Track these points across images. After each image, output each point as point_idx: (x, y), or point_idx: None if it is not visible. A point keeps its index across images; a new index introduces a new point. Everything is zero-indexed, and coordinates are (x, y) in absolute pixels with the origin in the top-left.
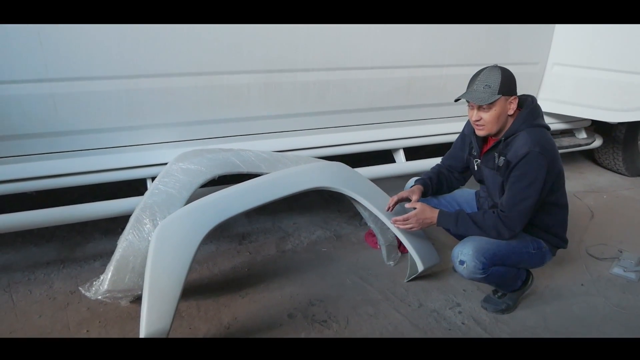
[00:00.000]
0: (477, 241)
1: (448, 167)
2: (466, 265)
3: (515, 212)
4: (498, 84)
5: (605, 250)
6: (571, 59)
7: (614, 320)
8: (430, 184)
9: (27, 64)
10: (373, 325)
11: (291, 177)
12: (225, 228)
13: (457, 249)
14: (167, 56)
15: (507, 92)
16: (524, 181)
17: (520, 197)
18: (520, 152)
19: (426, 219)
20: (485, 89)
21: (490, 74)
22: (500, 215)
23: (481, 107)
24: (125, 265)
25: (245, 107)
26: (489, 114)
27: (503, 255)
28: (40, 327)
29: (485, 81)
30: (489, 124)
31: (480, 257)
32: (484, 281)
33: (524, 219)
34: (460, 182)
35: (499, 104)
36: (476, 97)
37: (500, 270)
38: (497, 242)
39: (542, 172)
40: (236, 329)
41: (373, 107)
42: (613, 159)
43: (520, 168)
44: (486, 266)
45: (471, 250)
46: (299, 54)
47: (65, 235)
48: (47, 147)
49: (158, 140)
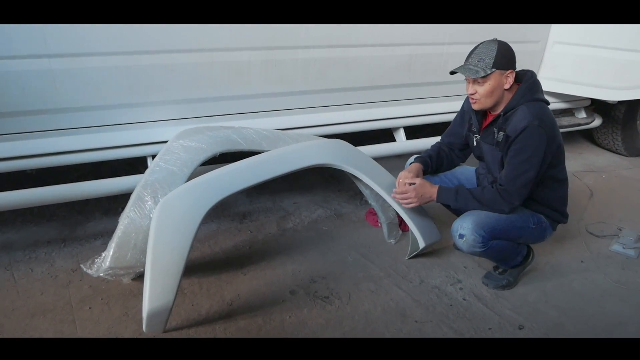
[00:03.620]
0: (476, 215)
1: (448, 144)
2: (466, 238)
3: (514, 186)
4: (492, 58)
5: (604, 228)
6: (572, 37)
7: (614, 296)
8: (429, 162)
9: (25, 39)
10: (375, 300)
11: (292, 154)
12: (226, 207)
13: (457, 222)
14: (167, 32)
15: (502, 66)
16: (522, 155)
17: (519, 171)
18: (519, 126)
19: (425, 193)
20: (480, 63)
21: (487, 47)
22: (499, 189)
23: (476, 80)
24: (127, 242)
25: (246, 85)
26: (483, 87)
27: (502, 229)
28: (43, 304)
29: (480, 54)
30: (482, 97)
31: (480, 230)
32: (483, 255)
33: (522, 192)
34: (460, 159)
35: (494, 78)
36: (469, 70)
37: (500, 244)
38: (497, 216)
39: (542, 146)
40: (238, 305)
41: (374, 85)
42: (612, 139)
43: (519, 142)
44: (486, 239)
45: (471, 224)
46: (299, 31)
47: (65, 214)
48: (46, 125)
49: (158, 117)
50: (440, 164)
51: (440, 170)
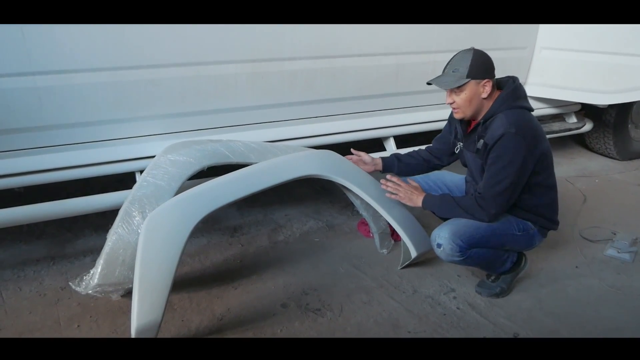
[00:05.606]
0: (454, 224)
1: (435, 149)
2: (443, 248)
3: (490, 194)
4: (467, 68)
5: (598, 233)
6: (559, 43)
7: (609, 301)
8: (395, 161)
9: (9, 56)
10: (367, 312)
11: (280, 165)
12: (216, 221)
13: (435, 232)
14: (152, 47)
15: (477, 75)
16: (499, 163)
17: (496, 179)
18: (495, 134)
19: (413, 195)
20: (454, 74)
21: (462, 58)
22: (477, 197)
23: (453, 90)
24: (115, 259)
25: (233, 98)
26: (460, 97)
27: (482, 237)
28: (31, 324)
29: (455, 65)
30: (462, 107)
31: (457, 239)
32: (463, 263)
33: (500, 201)
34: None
35: (469, 88)
36: (442, 81)
37: (480, 252)
38: (476, 224)
39: (519, 154)
40: (229, 320)
41: (362, 95)
42: (604, 143)
43: (496, 150)
44: (463, 249)
45: (447, 233)
46: (285, 43)
47: (54, 232)
48: (32, 142)
49: (145, 132)
50: (408, 165)
51: (409, 172)
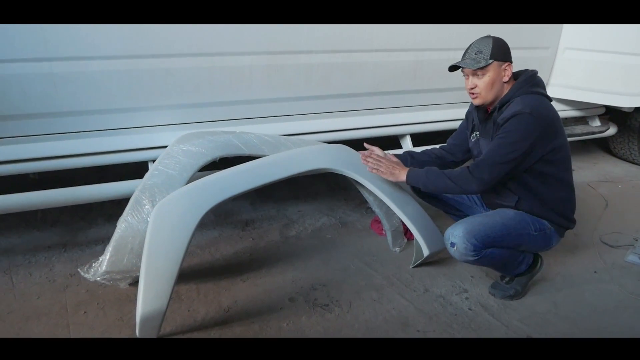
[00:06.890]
0: (469, 223)
1: (450, 145)
2: (457, 247)
3: (489, 162)
4: (490, 50)
5: (619, 238)
6: (583, 43)
7: (629, 308)
8: (408, 159)
9: (26, 42)
10: (376, 309)
11: (291, 158)
12: (229, 214)
13: (449, 230)
14: (168, 36)
15: (499, 57)
16: (508, 138)
17: (500, 152)
18: (509, 113)
19: (395, 169)
20: (478, 55)
21: (482, 41)
22: (471, 166)
23: (475, 74)
24: (124, 246)
25: (248, 90)
26: (483, 80)
27: (497, 237)
28: (39, 308)
29: (477, 47)
30: (483, 90)
31: (471, 238)
32: (477, 263)
33: (496, 170)
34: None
35: (492, 69)
36: (468, 62)
37: (495, 252)
38: (491, 222)
39: (530, 135)
40: (235, 312)
41: (378, 91)
42: (628, 149)
43: (507, 127)
44: (478, 248)
45: (461, 232)
46: (301, 36)
47: (68, 220)
48: (46, 128)
49: (159, 122)
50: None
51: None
